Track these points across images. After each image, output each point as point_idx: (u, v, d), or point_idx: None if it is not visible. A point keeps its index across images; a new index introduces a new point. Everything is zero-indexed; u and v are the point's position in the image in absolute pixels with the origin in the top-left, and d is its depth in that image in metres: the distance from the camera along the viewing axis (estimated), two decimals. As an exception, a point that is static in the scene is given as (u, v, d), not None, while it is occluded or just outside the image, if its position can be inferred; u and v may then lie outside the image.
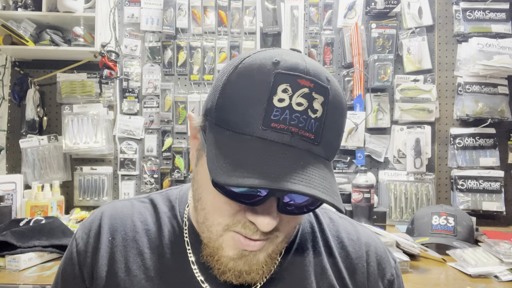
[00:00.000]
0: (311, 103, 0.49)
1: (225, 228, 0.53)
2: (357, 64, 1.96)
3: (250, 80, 0.51)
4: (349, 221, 0.73)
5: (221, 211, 0.53)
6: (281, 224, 0.54)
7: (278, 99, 0.49)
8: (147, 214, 0.67)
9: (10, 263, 1.27)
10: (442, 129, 2.06)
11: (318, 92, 0.50)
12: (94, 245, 0.64)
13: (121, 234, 0.64)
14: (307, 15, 2.06)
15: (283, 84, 0.49)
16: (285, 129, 0.48)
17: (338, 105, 0.52)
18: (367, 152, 2.04)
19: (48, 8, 1.86)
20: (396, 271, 0.68)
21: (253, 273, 0.55)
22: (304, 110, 0.49)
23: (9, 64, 2.05)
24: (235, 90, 0.51)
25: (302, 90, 0.49)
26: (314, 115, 0.49)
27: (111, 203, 0.70)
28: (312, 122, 0.49)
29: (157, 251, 0.63)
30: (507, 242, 1.46)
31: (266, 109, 0.48)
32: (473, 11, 2.01)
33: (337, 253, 0.66)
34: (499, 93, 1.98)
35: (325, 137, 0.51)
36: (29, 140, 1.99)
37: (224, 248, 0.54)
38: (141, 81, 2.07)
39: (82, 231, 0.66)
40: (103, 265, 0.62)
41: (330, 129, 0.51)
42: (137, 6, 2.05)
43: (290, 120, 0.48)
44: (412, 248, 1.40)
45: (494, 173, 1.97)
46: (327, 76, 0.52)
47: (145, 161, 2.05)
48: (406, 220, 1.94)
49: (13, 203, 1.80)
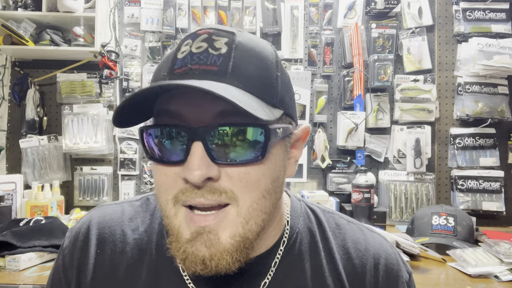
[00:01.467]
0: (211, 44, 0.50)
1: (174, 202, 0.50)
2: (357, 64, 1.96)
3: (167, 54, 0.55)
4: (359, 227, 0.66)
5: (163, 184, 0.51)
6: (230, 182, 0.48)
7: (181, 53, 0.51)
8: (138, 221, 0.63)
9: (10, 263, 1.27)
10: (442, 129, 2.06)
11: (219, 35, 0.50)
12: (80, 260, 0.61)
13: (109, 246, 0.61)
14: (307, 15, 2.06)
15: (186, 41, 0.52)
16: (186, 70, 0.49)
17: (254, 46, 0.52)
18: (367, 152, 2.04)
19: (48, 8, 1.86)
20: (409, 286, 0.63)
21: (216, 259, 0.48)
22: (205, 50, 0.49)
23: (9, 64, 2.05)
24: (156, 67, 0.55)
25: (200, 37, 0.51)
26: (217, 52, 0.49)
27: (100, 208, 0.66)
28: (215, 57, 0.49)
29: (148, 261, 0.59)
30: (507, 242, 1.46)
31: (171, 63, 0.51)
32: (473, 11, 2.01)
33: (341, 266, 0.60)
34: (499, 93, 1.98)
35: (237, 69, 0.49)
36: (29, 140, 1.99)
37: (181, 231, 0.50)
38: (141, 81, 2.07)
39: (69, 242, 0.63)
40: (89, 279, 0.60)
41: (243, 63, 0.49)
42: (137, 6, 2.05)
43: (191, 61, 0.49)
44: (412, 248, 1.40)
45: (494, 173, 1.97)
46: (238, 30, 0.53)
47: (145, 161, 2.05)
48: (406, 220, 1.94)
49: (13, 203, 1.80)
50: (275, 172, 0.52)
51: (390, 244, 0.66)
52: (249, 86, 0.49)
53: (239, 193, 0.49)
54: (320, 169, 2.04)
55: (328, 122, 2.05)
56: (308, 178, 2.05)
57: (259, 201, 0.50)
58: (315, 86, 2.03)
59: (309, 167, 2.05)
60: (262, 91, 0.50)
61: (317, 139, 2.01)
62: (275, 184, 0.53)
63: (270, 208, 0.53)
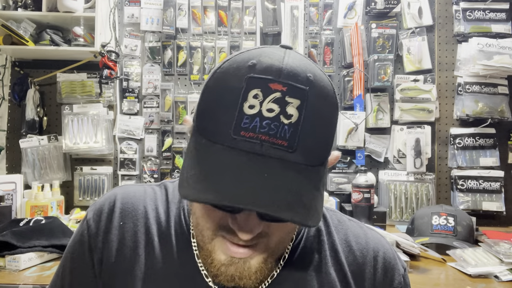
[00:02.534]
0: (283, 109, 0.47)
1: (214, 232, 0.54)
2: (357, 64, 1.96)
3: (224, 86, 0.49)
4: (359, 224, 0.70)
5: (207, 216, 0.54)
6: (270, 230, 0.53)
7: (248, 106, 0.47)
8: (158, 202, 0.66)
9: (10, 263, 1.27)
10: (442, 129, 2.06)
11: (293, 95, 0.47)
12: (105, 229, 0.63)
13: (132, 219, 0.63)
14: (307, 15, 2.06)
15: (254, 90, 0.47)
16: (254, 137, 0.47)
17: (322, 105, 0.50)
18: (367, 152, 2.04)
19: (48, 8, 1.86)
20: (405, 279, 0.66)
21: (244, 279, 0.54)
22: (276, 117, 0.46)
23: (9, 64, 2.05)
24: (211, 96, 0.51)
25: (273, 95, 0.47)
26: (288, 121, 0.47)
27: (124, 187, 0.69)
28: (286, 129, 0.47)
29: (165, 240, 0.62)
30: (507, 242, 1.46)
31: (237, 117, 0.47)
32: (473, 11, 2.01)
33: (343, 257, 0.64)
34: (499, 93, 1.98)
35: (304, 141, 0.48)
36: (29, 140, 1.99)
37: (216, 251, 0.54)
38: (141, 81, 2.07)
39: (94, 213, 0.65)
40: (113, 250, 0.62)
41: (310, 132, 0.48)
42: (137, 6, 2.05)
43: (260, 127, 0.46)
44: (412, 248, 1.40)
45: (494, 173, 1.97)
46: (308, 75, 0.49)
47: (145, 161, 2.05)
48: (406, 220, 1.94)
49: (13, 203, 1.80)
50: None
51: (386, 240, 0.70)
52: (311, 158, 0.50)
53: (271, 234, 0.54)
54: (320, 169, 2.04)
55: (328, 122, 2.05)
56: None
57: (285, 236, 0.57)
58: (315, 86, 2.03)
59: (309, 167, 2.05)
60: (321, 157, 0.52)
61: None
62: None
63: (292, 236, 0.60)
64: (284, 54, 0.50)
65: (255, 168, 0.47)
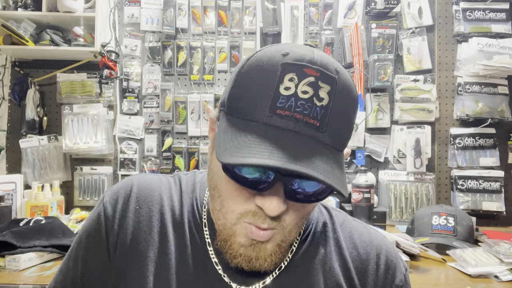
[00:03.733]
0: (316, 92, 0.50)
1: (238, 216, 0.55)
2: (357, 64, 1.96)
3: (259, 71, 0.53)
4: (363, 224, 0.73)
5: (234, 197, 0.55)
6: (289, 213, 0.55)
7: (284, 88, 0.50)
8: (173, 191, 0.68)
9: (10, 263, 1.27)
10: (442, 129, 2.06)
11: (325, 81, 0.51)
12: (121, 212, 0.65)
13: (148, 205, 0.65)
14: (307, 15, 2.06)
15: (289, 74, 0.51)
16: (290, 115, 0.50)
17: (347, 96, 0.53)
18: (367, 152, 2.04)
19: (48, 8, 1.86)
20: (406, 278, 0.68)
21: (260, 260, 0.56)
22: (310, 98, 0.50)
23: (9, 64, 2.05)
24: (245, 81, 0.54)
25: (308, 79, 0.50)
26: (320, 103, 0.50)
27: (141, 174, 0.71)
28: (318, 110, 0.50)
29: (178, 227, 0.64)
30: (507, 242, 1.46)
31: (273, 97, 0.50)
32: (473, 11, 2.01)
33: (347, 253, 0.66)
34: (499, 93, 1.98)
35: (332, 125, 0.51)
36: (29, 140, 1.99)
37: (236, 235, 0.56)
38: (141, 81, 2.07)
39: (110, 197, 0.67)
40: (128, 233, 0.63)
41: (337, 118, 0.52)
42: (137, 6, 2.05)
43: (295, 107, 0.50)
44: (412, 248, 1.40)
45: (494, 173, 1.97)
46: (336, 67, 0.53)
47: (145, 161, 2.05)
48: (406, 220, 1.94)
49: (13, 203, 1.80)
50: None
51: (389, 241, 0.72)
52: (337, 141, 0.53)
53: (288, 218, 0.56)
54: (320, 169, 2.04)
55: (328, 122, 2.05)
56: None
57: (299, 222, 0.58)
58: (315, 86, 2.03)
59: (309, 167, 2.05)
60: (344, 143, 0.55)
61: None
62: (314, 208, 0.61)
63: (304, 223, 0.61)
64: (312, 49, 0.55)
65: (290, 141, 0.50)
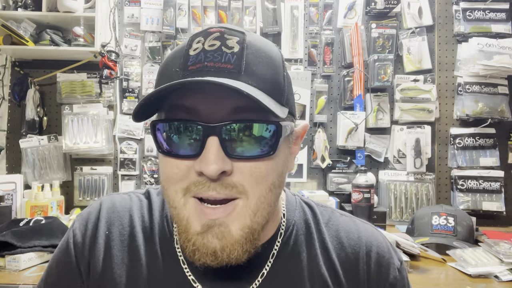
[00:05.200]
0: (224, 42, 0.51)
1: (183, 193, 0.52)
2: (357, 64, 1.96)
3: (174, 52, 0.55)
4: (351, 218, 0.69)
5: (173, 176, 0.52)
6: (242, 176, 0.50)
7: (193, 50, 0.51)
8: (144, 210, 0.66)
9: (10, 263, 1.27)
10: (442, 129, 2.06)
11: (231, 34, 0.52)
12: (91, 238, 0.63)
13: (118, 228, 0.63)
14: (307, 15, 2.06)
15: (196, 38, 0.52)
16: (201, 67, 0.50)
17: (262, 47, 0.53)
18: (367, 152, 2.04)
19: (48, 8, 1.86)
20: (401, 272, 0.64)
21: (227, 249, 0.50)
22: (218, 48, 0.50)
23: (9, 64, 2.05)
24: (163, 64, 0.55)
25: (212, 35, 0.51)
26: (230, 51, 0.50)
27: (110, 196, 0.69)
28: (229, 56, 0.50)
29: (150, 248, 0.62)
30: (507, 242, 1.46)
31: (184, 59, 0.51)
32: (473, 11, 2.01)
33: (334, 255, 0.62)
34: (499, 93, 1.98)
35: (249, 68, 0.50)
36: (29, 140, 1.99)
37: (191, 223, 0.52)
38: (141, 81, 2.07)
39: (79, 223, 0.65)
40: (99, 259, 0.62)
41: (255, 62, 0.51)
42: (137, 6, 2.05)
43: (205, 58, 0.50)
44: (412, 248, 1.40)
45: (494, 173, 1.97)
46: (244, 31, 0.53)
47: (145, 161, 2.05)
48: (406, 220, 1.94)
49: (13, 203, 1.80)
50: (281, 167, 0.55)
51: (381, 233, 0.68)
52: (262, 85, 0.51)
53: (248, 187, 0.51)
54: (320, 169, 2.04)
55: (328, 122, 2.05)
56: (308, 178, 2.05)
57: (266, 195, 0.52)
58: (315, 86, 2.03)
59: (309, 167, 2.05)
60: (273, 90, 0.52)
61: (317, 139, 2.01)
62: (280, 178, 0.55)
63: (274, 201, 0.55)
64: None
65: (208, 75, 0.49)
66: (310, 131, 2.05)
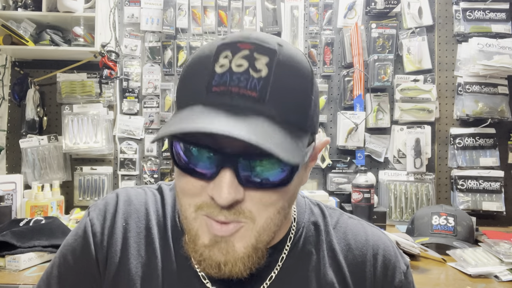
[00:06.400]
0: (252, 63, 0.48)
1: (195, 209, 0.52)
2: (357, 64, 1.96)
3: (199, 58, 0.52)
4: (360, 221, 0.69)
5: (187, 191, 0.52)
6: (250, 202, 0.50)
7: (219, 66, 0.49)
8: (158, 205, 0.66)
9: (10, 263, 1.27)
10: (442, 129, 2.06)
11: (261, 52, 0.49)
12: (110, 229, 0.63)
13: (135, 220, 0.64)
14: (307, 15, 2.06)
15: (224, 52, 0.49)
16: (225, 90, 0.48)
17: (293, 67, 0.50)
18: (367, 152, 2.04)
19: (48, 8, 1.86)
20: (407, 276, 0.65)
21: (229, 264, 0.51)
22: (245, 71, 0.48)
23: (9, 64, 2.05)
24: (187, 71, 0.53)
25: (241, 53, 0.48)
26: (258, 75, 0.48)
27: (125, 189, 0.69)
28: (256, 81, 0.47)
29: (164, 242, 0.63)
30: (507, 242, 1.46)
31: (208, 77, 0.49)
32: (473, 11, 2.01)
33: (342, 256, 0.63)
34: (499, 93, 1.98)
35: (275, 96, 0.48)
36: (29, 140, 1.99)
37: (200, 235, 0.52)
38: (141, 81, 2.07)
39: (96, 213, 0.65)
40: (117, 250, 0.62)
41: (282, 88, 0.48)
42: (137, 6, 2.05)
43: (230, 81, 0.48)
44: (412, 248, 1.40)
45: (494, 173, 1.97)
46: (278, 42, 0.51)
47: (145, 161, 2.05)
48: (406, 220, 1.94)
49: (13, 203, 1.80)
50: (293, 191, 0.54)
51: (388, 237, 0.68)
52: (285, 113, 0.49)
53: (256, 212, 0.51)
54: (320, 169, 2.04)
55: (328, 122, 2.05)
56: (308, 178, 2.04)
57: (273, 217, 0.52)
58: (315, 86, 2.03)
59: (309, 167, 2.05)
60: (297, 117, 0.51)
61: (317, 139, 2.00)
62: (291, 200, 0.55)
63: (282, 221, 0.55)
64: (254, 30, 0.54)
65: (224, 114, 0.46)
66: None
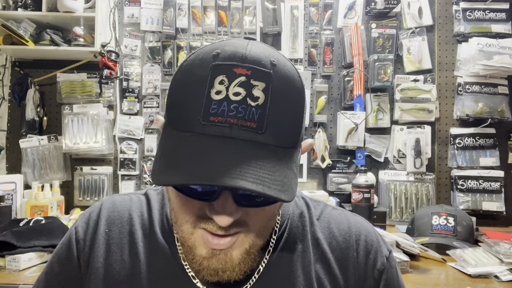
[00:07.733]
0: (249, 91, 0.48)
1: (193, 225, 0.53)
2: (357, 64, 1.96)
3: (190, 77, 0.51)
4: (343, 212, 0.71)
5: (185, 209, 0.53)
6: (248, 217, 0.53)
7: (215, 92, 0.48)
8: (143, 208, 0.68)
9: (10, 263, 1.27)
10: (442, 129, 2.06)
11: (257, 78, 0.49)
12: (92, 235, 0.65)
13: (118, 226, 0.66)
14: (307, 15, 2.06)
15: (219, 76, 0.48)
16: (223, 121, 0.48)
17: (288, 89, 0.51)
18: (367, 152, 2.04)
19: (48, 8, 1.86)
20: (389, 261, 0.66)
21: (228, 271, 0.54)
22: (243, 99, 0.48)
23: (9, 64, 2.05)
24: (178, 89, 0.52)
25: (238, 79, 0.48)
26: (255, 103, 0.48)
27: (111, 197, 0.71)
28: (254, 111, 0.48)
29: (150, 245, 0.64)
30: (507, 242, 1.46)
31: (205, 104, 0.48)
32: (473, 11, 2.01)
33: (326, 245, 0.64)
34: (499, 93, 1.98)
35: (273, 123, 0.49)
36: (29, 140, 1.99)
37: (197, 246, 0.54)
38: (141, 81, 2.07)
39: (81, 221, 0.68)
40: (99, 255, 0.64)
41: (278, 114, 0.49)
42: (137, 6, 2.05)
43: (228, 111, 0.48)
44: (412, 248, 1.40)
45: (494, 173, 1.97)
46: (272, 60, 0.51)
47: (145, 161, 2.05)
48: (406, 220, 1.94)
49: (13, 203, 1.80)
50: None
51: (370, 225, 0.70)
52: (282, 139, 0.51)
53: (250, 222, 0.54)
54: (320, 169, 2.04)
55: (328, 122, 2.05)
56: (308, 178, 2.05)
57: (266, 224, 0.56)
58: (315, 86, 2.04)
59: (309, 167, 2.05)
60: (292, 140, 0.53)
61: (317, 139, 2.01)
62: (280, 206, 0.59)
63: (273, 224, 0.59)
64: (247, 43, 0.52)
65: (225, 150, 0.47)
66: (310, 131, 2.05)
